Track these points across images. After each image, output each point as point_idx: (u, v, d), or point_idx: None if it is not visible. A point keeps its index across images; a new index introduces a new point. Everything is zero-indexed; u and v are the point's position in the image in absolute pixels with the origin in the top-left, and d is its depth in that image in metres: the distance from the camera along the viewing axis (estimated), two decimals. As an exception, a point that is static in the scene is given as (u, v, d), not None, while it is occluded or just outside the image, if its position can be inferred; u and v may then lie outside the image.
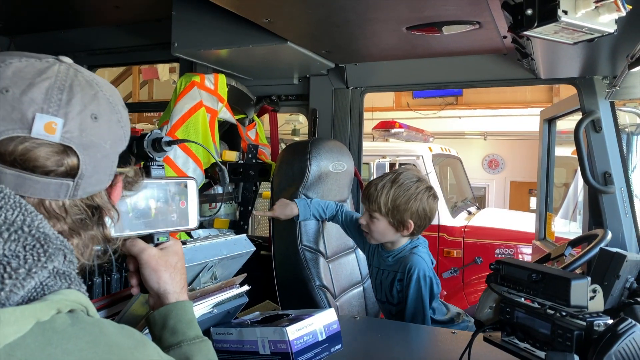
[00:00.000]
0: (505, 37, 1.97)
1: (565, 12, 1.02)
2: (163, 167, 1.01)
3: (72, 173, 0.69)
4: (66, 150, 0.68)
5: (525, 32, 1.10)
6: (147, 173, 0.99)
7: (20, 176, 0.65)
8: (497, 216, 5.68)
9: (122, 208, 0.95)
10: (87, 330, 0.60)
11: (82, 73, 0.73)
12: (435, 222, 4.87)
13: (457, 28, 1.84)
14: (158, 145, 0.99)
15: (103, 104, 0.73)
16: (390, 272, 1.98)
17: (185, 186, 1.04)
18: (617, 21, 1.09)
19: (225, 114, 2.47)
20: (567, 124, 2.27)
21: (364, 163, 4.98)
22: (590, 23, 1.06)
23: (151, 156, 0.99)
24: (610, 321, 0.99)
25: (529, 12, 1.05)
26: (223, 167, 1.03)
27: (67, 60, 0.73)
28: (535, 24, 1.05)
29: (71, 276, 0.64)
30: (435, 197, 1.93)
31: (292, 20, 1.86)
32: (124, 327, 0.67)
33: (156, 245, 1.01)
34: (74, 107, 0.69)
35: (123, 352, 0.62)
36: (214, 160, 2.35)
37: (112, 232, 0.97)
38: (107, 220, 0.78)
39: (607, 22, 1.07)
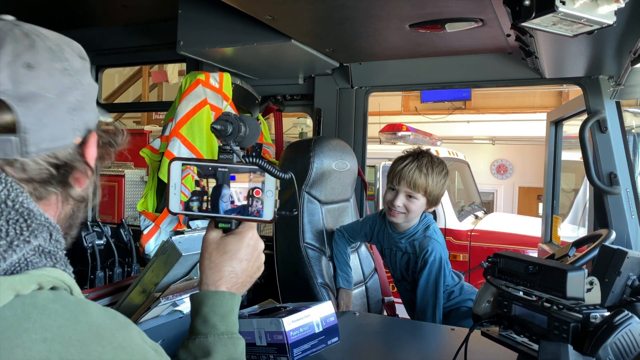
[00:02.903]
0: (508, 35, 1.97)
1: (563, 3, 1.01)
2: (231, 152, 0.96)
3: (10, 128, 0.64)
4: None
5: (524, 24, 1.10)
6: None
7: None
8: (504, 220, 5.64)
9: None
10: (69, 308, 0.59)
11: (21, 26, 0.69)
12: (441, 225, 4.87)
13: (460, 25, 1.83)
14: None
15: (41, 52, 0.68)
16: (404, 254, 2.08)
17: (263, 175, 0.96)
18: (616, 13, 1.08)
19: (230, 113, 2.49)
20: (576, 129, 2.26)
21: (371, 166, 4.97)
22: (589, 14, 1.05)
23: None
24: (607, 313, 0.98)
25: (527, 2, 1.05)
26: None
27: (8, 17, 0.70)
28: (533, 15, 1.05)
29: (57, 256, 0.63)
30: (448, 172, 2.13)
31: (294, 17, 1.87)
32: (108, 309, 0.65)
33: (225, 231, 0.98)
34: (3, 59, 0.65)
35: (104, 332, 0.60)
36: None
37: (172, 208, 0.97)
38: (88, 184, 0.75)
39: (606, 13, 1.06)
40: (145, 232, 2.22)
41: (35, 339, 0.54)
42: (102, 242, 2.04)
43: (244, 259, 0.96)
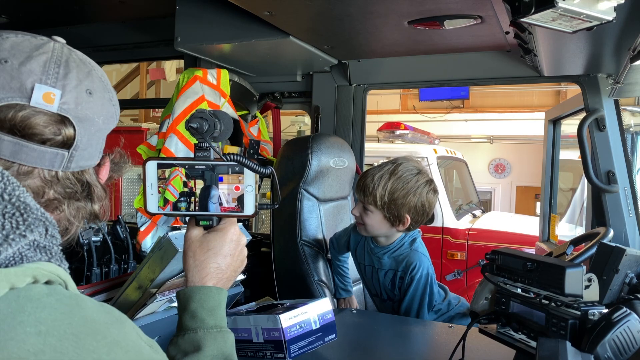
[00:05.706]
0: (507, 32, 1.96)
1: (563, -2, 1.01)
2: (208, 150, 0.95)
3: (68, 143, 0.71)
4: (63, 120, 0.70)
5: (523, 19, 1.09)
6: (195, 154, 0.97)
7: (17, 143, 0.67)
8: (501, 219, 5.65)
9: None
10: (64, 302, 0.58)
11: (76, 52, 0.76)
12: (439, 224, 4.87)
13: (458, 22, 1.83)
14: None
15: (96, 81, 0.76)
16: (389, 271, 1.90)
17: (241, 170, 0.96)
18: (616, 9, 1.08)
19: (228, 110, 2.48)
20: (574, 129, 2.26)
21: (369, 164, 4.95)
22: (589, 10, 1.05)
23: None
24: (605, 310, 0.97)
25: (526, -2, 1.04)
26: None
27: (61, 39, 0.76)
28: (533, 10, 1.04)
29: (52, 251, 0.64)
30: (435, 191, 1.84)
31: (293, 13, 1.86)
32: (103, 304, 0.65)
33: (206, 227, 0.98)
34: (71, 81, 0.72)
35: (98, 327, 0.60)
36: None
37: (149, 209, 0.98)
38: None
39: (605, 9, 1.06)
40: (142, 229, 2.21)
41: (29, 332, 0.54)
42: (98, 238, 2.04)
43: (228, 254, 0.97)
